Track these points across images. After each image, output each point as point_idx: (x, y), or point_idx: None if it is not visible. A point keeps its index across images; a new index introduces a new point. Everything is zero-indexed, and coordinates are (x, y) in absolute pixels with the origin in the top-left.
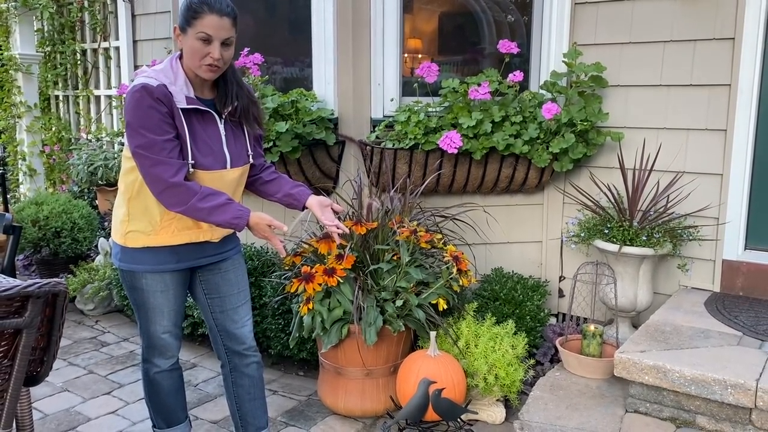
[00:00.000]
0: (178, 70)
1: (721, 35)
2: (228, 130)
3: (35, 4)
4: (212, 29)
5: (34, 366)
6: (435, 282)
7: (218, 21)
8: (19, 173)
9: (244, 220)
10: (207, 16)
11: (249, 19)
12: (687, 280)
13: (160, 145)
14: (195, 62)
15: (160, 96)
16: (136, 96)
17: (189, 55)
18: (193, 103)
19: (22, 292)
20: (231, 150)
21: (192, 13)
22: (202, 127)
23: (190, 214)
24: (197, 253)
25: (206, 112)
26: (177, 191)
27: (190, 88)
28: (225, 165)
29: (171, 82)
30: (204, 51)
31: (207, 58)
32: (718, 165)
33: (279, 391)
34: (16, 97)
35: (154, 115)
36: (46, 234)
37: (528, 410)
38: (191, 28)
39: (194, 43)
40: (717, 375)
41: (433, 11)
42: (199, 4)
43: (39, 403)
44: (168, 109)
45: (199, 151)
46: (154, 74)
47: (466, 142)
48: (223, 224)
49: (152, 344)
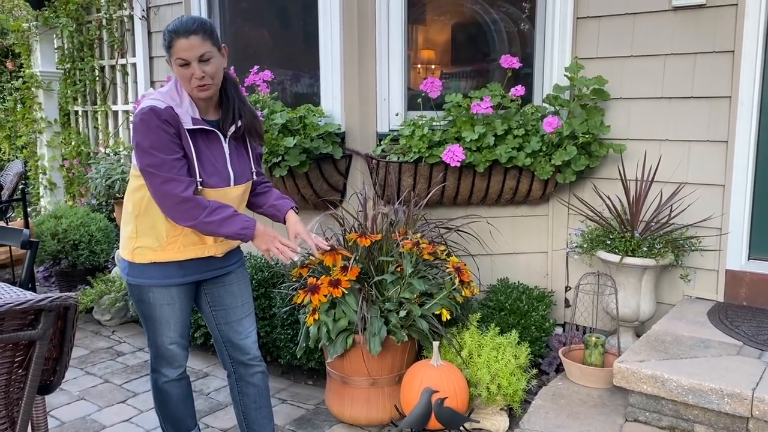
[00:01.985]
0: (183, 93)
1: (721, 48)
2: (232, 149)
3: (55, 23)
4: (185, 52)
5: (48, 375)
6: (438, 293)
7: (187, 43)
8: (40, 187)
9: (251, 230)
10: (177, 42)
11: (259, 36)
12: (691, 290)
13: (169, 164)
14: (187, 87)
15: (168, 117)
16: (145, 118)
17: (180, 82)
18: (199, 124)
19: (35, 305)
20: (235, 168)
21: (167, 44)
22: (207, 146)
23: (200, 228)
24: (202, 267)
25: (211, 131)
26: (187, 206)
27: (196, 110)
28: (229, 183)
29: (177, 104)
30: (187, 74)
31: (193, 80)
32: (719, 176)
33: (288, 400)
34: (37, 113)
35: (162, 135)
36: (64, 246)
37: (529, 419)
38: (171, 57)
39: (178, 70)
40: (714, 384)
41: (446, 22)
42: (168, 34)
43: (56, 411)
44: (175, 129)
45: (205, 170)
46: (160, 96)
47: (469, 155)
48: (231, 235)
49: (160, 354)
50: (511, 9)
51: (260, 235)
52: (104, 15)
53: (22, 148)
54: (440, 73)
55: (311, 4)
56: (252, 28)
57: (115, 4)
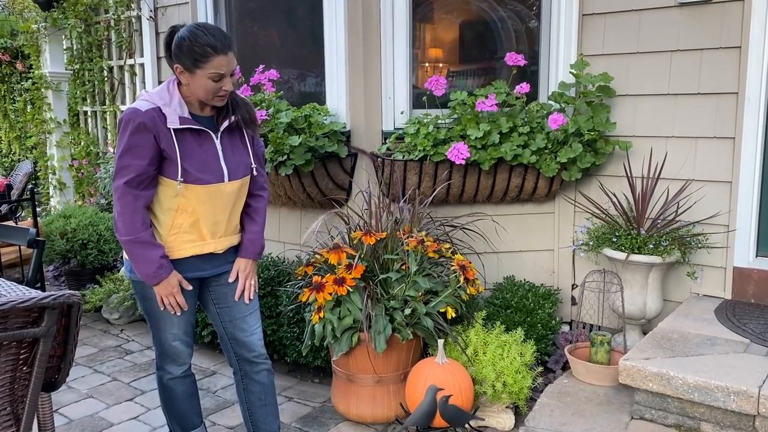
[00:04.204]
0: (174, 92)
1: (727, 44)
2: (226, 144)
3: (64, 24)
4: (223, 68)
5: (52, 373)
6: (443, 291)
7: (225, 59)
8: (50, 187)
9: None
10: (215, 58)
11: (265, 36)
12: (698, 287)
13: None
14: (208, 97)
15: (147, 120)
16: (124, 119)
17: (200, 91)
18: (187, 123)
19: (39, 303)
20: (229, 164)
21: (199, 56)
22: (198, 144)
23: (123, 245)
24: (204, 263)
25: (202, 129)
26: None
27: (185, 108)
28: (222, 178)
29: (165, 104)
30: (217, 87)
31: (220, 92)
32: (727, 172)
33: (294, 398)
34: (47, 114)
35: (135, 138)
36: (73, 246)
37: (534, 417)
38: (201, 69)
39: (206, 83)
40: (720, 382)
41: (453, 21)
42: (204, 48)
43: (65, 409)
44: (154, 133)
45: (196, 167)
46: (149, 97)
47: (474, 153)
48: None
49: (164, 352)
50: (518, 6)
51: (164, 285)
52: (112, 16)
53: (32, 148)
54: (447, 72)
55: (316, 4)
56: (257, 27)
57: (122, 5)
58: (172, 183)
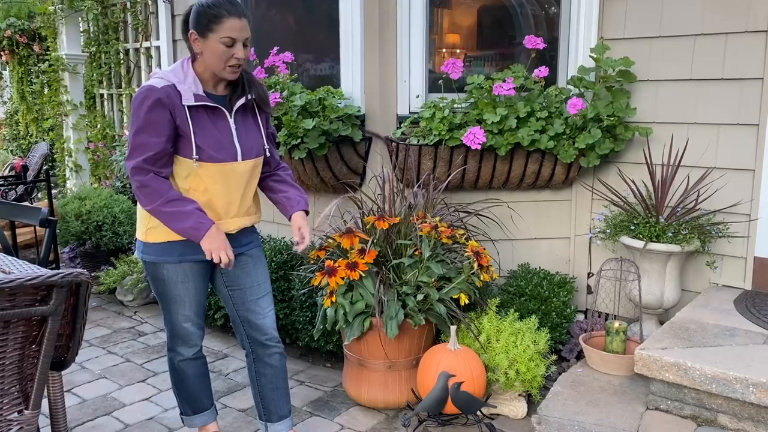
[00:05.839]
0: (189, 70)
1: (754, 28)
2: (239, 124)
3: (81, 6)
4: (235, 32)
5: (61, 352)
6: (457, 277)
7: (239, 23)
8: (66, 169)
9: (203, 231)
10: (228, 21)
11: (280, 18)
12: (717, 277)
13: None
14: (219, 65)
15: (163, 96)
16: (140, 96)
17: (213, 58)
18: (202, 100)
19: (47, 281)
20: (242, 143)
21: (212, 18)
22: (212, 122)
23: (155, 215)
24: None
25: (216, 107)
26: (147, 191)
27: (199, 86)
28: (236, 157)
29: (180, 81)
30: (229, 53)
31: (232, 60)
32: (750, 160)
33: (306, 382)
34: (63, 96)
35: (151, 115)
36: (88, 227)
37: (547, 405)
38: (213, 33)
39: (218, 47)
40: (739, 373)
41: (472, 6)
42: (218, 9)
43: (78, 389)
44: (170, 109)
45: (209, 145)
46: (164, 75)
47: (491, 138)
48: (180, 231)
49: (175, 333)
50: None
51: (210, 237)
52: None
53: (48, 130)
54: (464, 57)
55: None
56: (274, 11)
57: None
58: (185, 161)
